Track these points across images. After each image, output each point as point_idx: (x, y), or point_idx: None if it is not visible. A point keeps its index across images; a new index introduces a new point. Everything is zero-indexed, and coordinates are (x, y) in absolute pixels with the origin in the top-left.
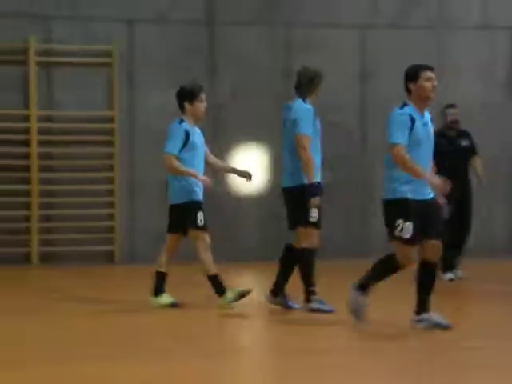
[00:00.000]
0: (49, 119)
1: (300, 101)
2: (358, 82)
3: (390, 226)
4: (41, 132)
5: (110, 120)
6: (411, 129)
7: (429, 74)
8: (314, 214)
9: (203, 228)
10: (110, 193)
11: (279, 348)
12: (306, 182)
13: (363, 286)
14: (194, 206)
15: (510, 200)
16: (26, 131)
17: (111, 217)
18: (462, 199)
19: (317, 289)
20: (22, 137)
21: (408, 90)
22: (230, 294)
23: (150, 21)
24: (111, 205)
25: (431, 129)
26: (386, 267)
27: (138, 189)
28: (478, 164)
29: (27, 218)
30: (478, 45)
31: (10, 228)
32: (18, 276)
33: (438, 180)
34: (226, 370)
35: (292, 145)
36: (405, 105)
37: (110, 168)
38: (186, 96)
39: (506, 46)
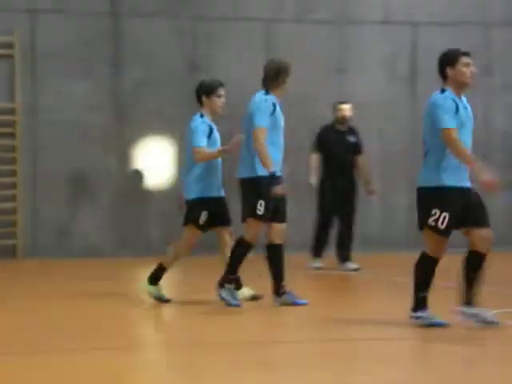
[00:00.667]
0: None
1: (261, 92)
2: None
3: (425, 213)
4: None
5: (12, 112)
6: (456, 112)
7: (467, 59)
8: (260, 207)
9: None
10: (12, 186)
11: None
12: (260, 174)
13: (419, 301)
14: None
15: (409, 193)
16: None
17: (13, 210)
18: (346, 194)
19: (239, 281)
20: None
21: (444, 75)
22: (155, 290)
23: (52, 11)
24: (13, 198)
25: (470, 112)
26: (425, 268)
27: (40, 182)
28: (363, 163)
29: None
30: (380, 40)
31: None
32: None
33: (486, 172)
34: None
35: (250, 136)
36: (443, 90)
37: (12, 161)
38: (204, 90)
39: (407, 41)
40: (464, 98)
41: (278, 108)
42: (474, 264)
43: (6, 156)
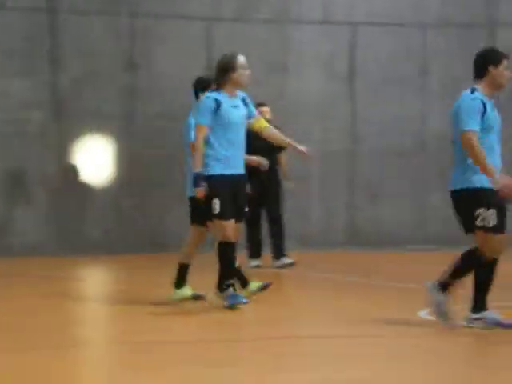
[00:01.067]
0: None
1: (210, 90)
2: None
3: (467, 216)
4: None
5: None
6: (483, 114)
7: (507, 62)
8: (215, 206)
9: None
10: None
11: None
12: (211, 173)
13: (444, 286)
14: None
15: (348, 192)
16: None
17: None
18: (271, 192)
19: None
20: None
21: (484, 74)
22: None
23: None
24: None
25: (498, 114)
26: (469, 264)
27: None
28: (284, 161)
29: None
30: (320, 39)
31: None
32: None
33: (504, 180)
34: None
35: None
36: (474, 90)
37: None
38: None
39: (346, 40)
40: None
41: (225, 105)
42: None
43: None
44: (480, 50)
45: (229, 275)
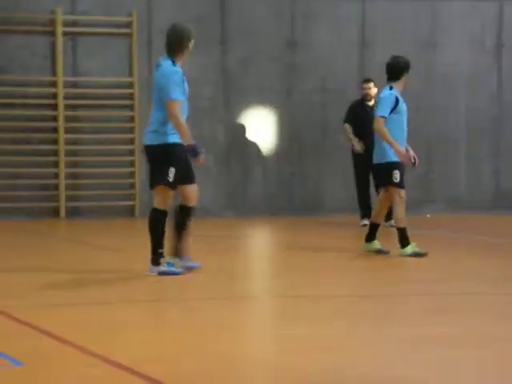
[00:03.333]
0: (74, 85)
1: (169, 62)
2: (357, 47)
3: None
4: (67, 97)
5: (130, 85)
6: None
7: None
8: (171, 175)
9: (399, 185)
10: (131, 152)
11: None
12: (169, 141)
13: None
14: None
15: (495, 160)
16: (54, 96)
17: (131, 175)
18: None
19: (165, 251)
20: (50, 101)
21: None
22: (409, 249)
23: None
24: (131, 164)
25: None
26: None
27: None
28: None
29: (56, 176)
30: (468, 14)
31: (41, 185)
32: (47, 227)
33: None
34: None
35: (158, 103)
36: None
37: (131, 130)
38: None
39: (493, 15)
40: None
41: (183, 77)
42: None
43: (125, 126)
44: None
45: (161, 243)
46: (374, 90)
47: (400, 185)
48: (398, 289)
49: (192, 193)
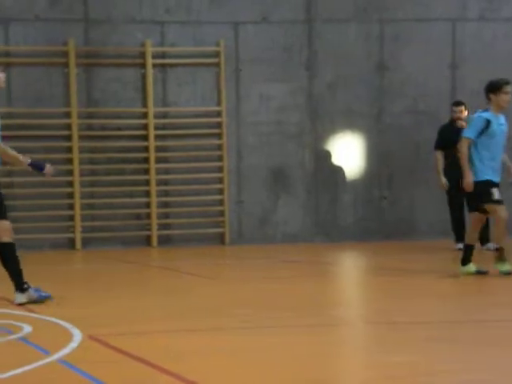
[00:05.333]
0: (164, 115)
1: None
2: (448, 69)
3: None
4: (157, 127)
5: (218, 114)
6: None
7: None
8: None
9: (498, 202)
10: (220, 180)
11: None
12: None
13: None
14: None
15: None
16: (145, 127)
17: (221, 202)
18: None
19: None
20: (141, 132)
21: None
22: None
23: (253, 22)
24: (220, 191)
25: None
26: None
27: (244, 176)
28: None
29: (148, 205)
30: None
31: (134, 214)
32: (141, 256)
33: None
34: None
35: None
36: None
37: (219, 158)
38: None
39: None
40: None
41: None
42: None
43: (214, 154)
44: None
45: (21, 273)
46: (464, 113)
47: (499, 202)
48: (499, 313)
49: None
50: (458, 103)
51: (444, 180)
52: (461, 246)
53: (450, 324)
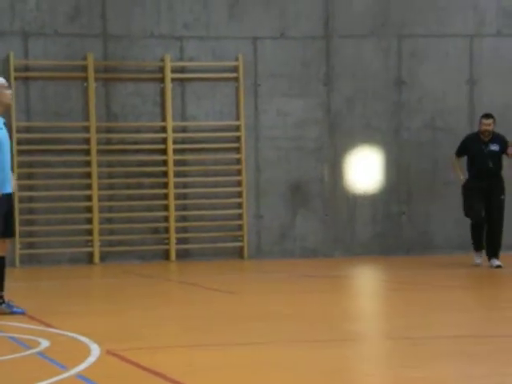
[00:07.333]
0: (183, 130)
1: None
2: (466, 85)
3: None
4: (176, 141)
5: (237, 129)
6: None
7: None
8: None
9: None
10: (238, 194)
11: None
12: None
13: None
14: None
15: None
16: (164, 141)
17: (239, 216)
18: (492, 195)
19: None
20: (160, 146)
21: None
22: None
23: (272, 37)
24: (239, 205)
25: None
26: None
27: (262, 190)
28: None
29: (166, 219)
30: None
31: (152, 228)
32: (159, 270)
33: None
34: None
35: None
36: None
37: (238, 172)
38: None
39: None
40: None
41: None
42: None
43: (232, 168)
44: None
45: (2, 287)
46: (492, 126)
47: None
48: None
49: None
50: (487, 116)
51: (462, 174)
52: (479, 261)
53: (471, 339)
